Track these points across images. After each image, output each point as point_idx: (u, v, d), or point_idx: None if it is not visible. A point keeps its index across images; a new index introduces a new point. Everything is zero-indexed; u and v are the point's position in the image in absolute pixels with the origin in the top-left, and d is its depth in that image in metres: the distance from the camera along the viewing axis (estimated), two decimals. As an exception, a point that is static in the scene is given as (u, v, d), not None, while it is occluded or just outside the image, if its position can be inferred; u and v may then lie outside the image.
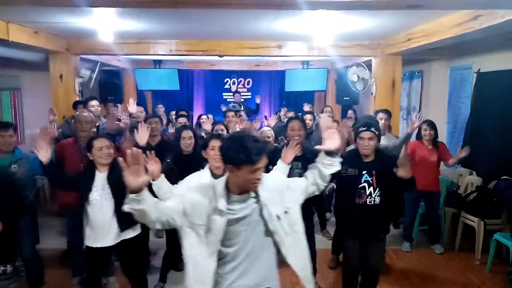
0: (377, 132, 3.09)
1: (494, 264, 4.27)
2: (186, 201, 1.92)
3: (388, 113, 5.06)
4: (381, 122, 4.93)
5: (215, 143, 2.87)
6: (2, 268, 3.04)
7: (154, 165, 2.62)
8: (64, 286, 3.88)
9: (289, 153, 3.07)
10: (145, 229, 3.44)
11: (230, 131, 4.51)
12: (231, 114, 5.59)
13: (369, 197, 3.08)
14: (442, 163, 4.76)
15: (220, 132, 4.40)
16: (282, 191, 2.01)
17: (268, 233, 1.94)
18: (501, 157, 4.88)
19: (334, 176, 3.21)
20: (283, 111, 8.05)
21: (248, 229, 1.91)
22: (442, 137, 6.22)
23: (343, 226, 3.40)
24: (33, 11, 3.91)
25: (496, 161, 4.94)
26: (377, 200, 3.08)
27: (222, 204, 1.86)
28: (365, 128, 3.07)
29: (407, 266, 4.45)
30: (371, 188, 3.07)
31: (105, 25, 4.48)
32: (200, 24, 4.64)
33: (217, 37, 5.69)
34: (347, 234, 3.31)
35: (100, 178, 3.06)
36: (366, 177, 3.07)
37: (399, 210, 4.57)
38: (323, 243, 5.03)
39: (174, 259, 4.01)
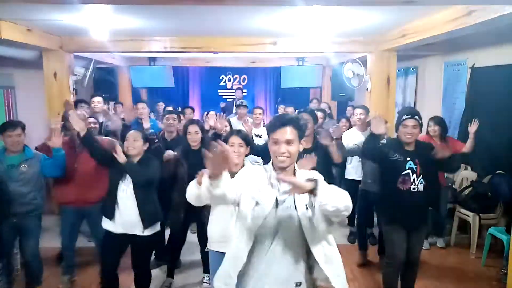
0: (420, 121, 3.14)
1: (489, 258, 4.30)
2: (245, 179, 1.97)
3: (366, 109, 5.09)
4: (358, 118, 4.96)
5: (235, 140, 2.81)
6: None
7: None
8: (59, 284, 3.87)
9: (306, 164, 2.99)
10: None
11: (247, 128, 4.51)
12: (258, 111, 5.56)
13: (413, 183, 3.12)
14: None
15: (224, 128, 4.39)
16: None
17: (300, 227, 1.86)
18: (496, 152, 4.91)
19: (380, 158, 3.23)
20: (280, 108, 8.03)
21: (282, 216, 1.87)
22: (437, 132, 6.25)
23: (387, 215, 3.34)
24: (26, 8, 3.87)
25: (491, 156, 4.97)
26: (420, 187, 3.12)
27: (273, 179, 1.87)
28: (410, 116, 3.12)
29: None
30: (415, 175, 3.11)
31: (99, 23, 4.45)
32: (195, 21, 4.62)
33: (212, 34, 5.67)
34: (392, 224, 3.26)
35: None
36: (410, 164, 3.12)
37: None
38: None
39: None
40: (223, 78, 10.90)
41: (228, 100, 10.03)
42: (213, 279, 2.06)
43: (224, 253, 2.67)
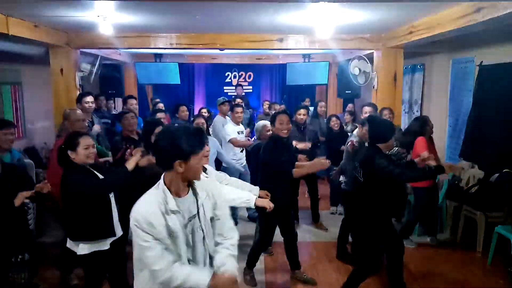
0: None
1: (496, 257, 4.28)
2: None
3: (374, 106, 5.15)
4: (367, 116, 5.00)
5: None
6: (20, 256, 3.09)
7: None
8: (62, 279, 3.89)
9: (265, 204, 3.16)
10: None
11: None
12: (239, 110, 5.57)
13: None
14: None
15: (200, 126, 4.44)
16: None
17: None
18: (503, 150, 4.87)
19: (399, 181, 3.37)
20: (265, 104, 8.05)
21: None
22: (444, 130, 6.21)
23: (389, 220, 3.46)
24: (33, 4, 3.89)
25: (498, 154, 4.93)
26: None
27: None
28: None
29: (408, 259, 4.44)
30: None
31: (105, 19, 4.45)
32: (201, 18, 4.62)
33: (218, 30, 5.66)
34: (388, 227, 3.41)
35: None
36: None
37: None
38: (322, 235, 5.07)
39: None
40: (228, 74, 10.90)
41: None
42: None
43: None
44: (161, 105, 7.10)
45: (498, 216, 4.50)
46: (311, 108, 8.12)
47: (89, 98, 5.15)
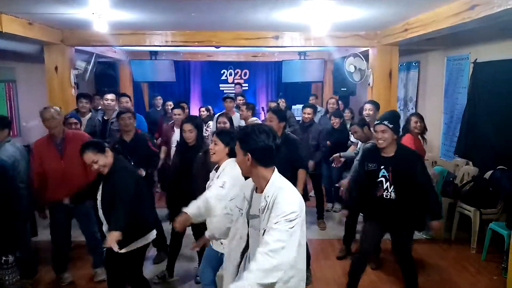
0: (391, 126, 3.19)
1: (490, 253, 4.32)
2: None
3: (375, 104, 5.09)
4: (366, 113, 4.99)
5: (213, 138, 3.00)
6: (4, 258, 3.06)
7: None
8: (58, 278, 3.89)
9: None
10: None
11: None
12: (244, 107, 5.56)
13: (386, 191, 3.23)
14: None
15: (223, 125, 4.41)
16: None
17: None
18: (497, 147, 4.90)
19: (358, 175, 3.47)
20: (281, 101, 8.02)
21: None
22: (439, 127, 6.24)
23: (365, 212, 3.61)
24: (27, 1, 3.86)
25: (492, 151, 4.96)
26: (393, 195, 3.21)
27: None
28: (378, 122, 3.28)
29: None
30: (388, 183, 3.21)
31: (100, 16, 4.43)
32: (196, 15, 4.60)
33: (214, 28, 5.65)
34: (367, 218, 3.54)
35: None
36: (383, 172, 3.22)
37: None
38: (317, 233, 5.09)
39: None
40: (224, 72, 10.87)
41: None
42: None
43: (217, 251, 2.78)
44: (170, 103, 6.92)
45: (492, 212, 4.54)
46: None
47: (110, 96, 5.26)
